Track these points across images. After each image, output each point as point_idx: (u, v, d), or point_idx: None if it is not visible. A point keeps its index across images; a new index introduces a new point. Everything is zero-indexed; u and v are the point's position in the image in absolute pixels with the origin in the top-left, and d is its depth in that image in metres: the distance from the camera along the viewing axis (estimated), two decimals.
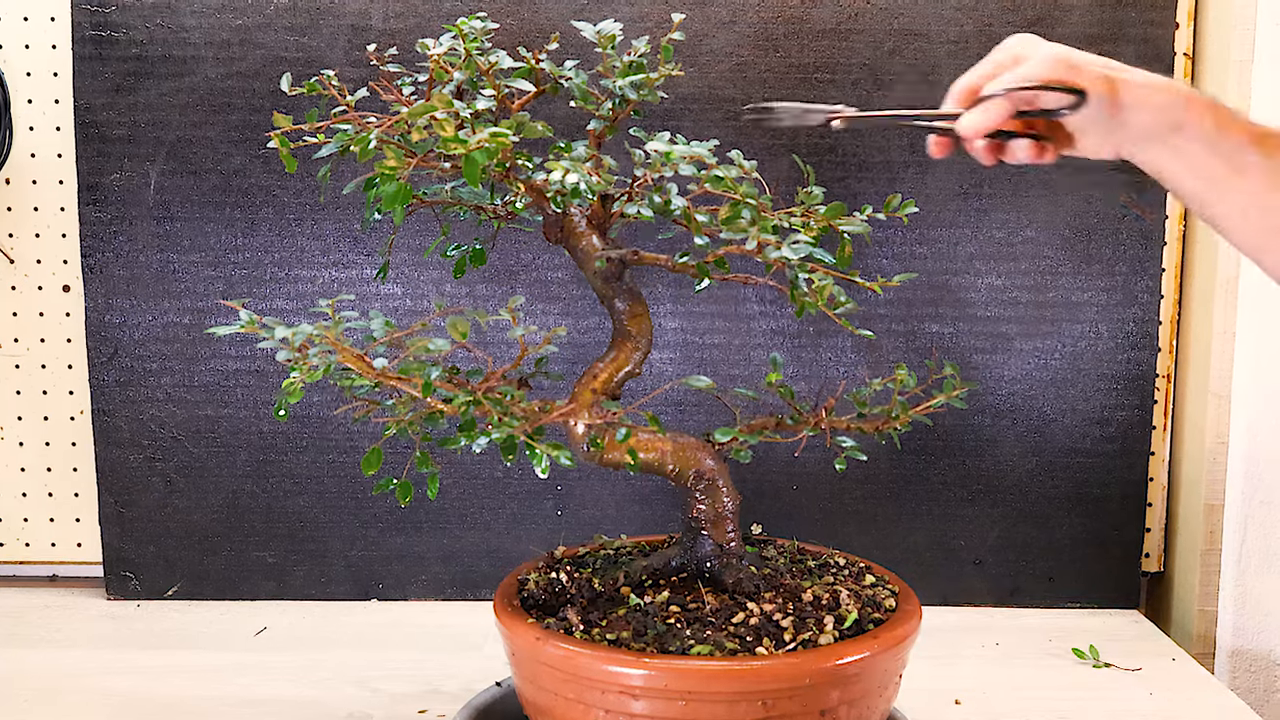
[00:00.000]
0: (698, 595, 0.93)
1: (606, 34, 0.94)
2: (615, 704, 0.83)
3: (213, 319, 1.39)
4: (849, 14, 1.36)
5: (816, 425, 0.98)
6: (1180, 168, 0.84)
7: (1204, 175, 0.82)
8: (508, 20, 1.34)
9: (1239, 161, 0.81)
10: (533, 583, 0.96)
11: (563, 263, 1.39)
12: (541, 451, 0.83)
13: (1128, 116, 0.82)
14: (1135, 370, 1.40)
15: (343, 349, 0.85)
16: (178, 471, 1.41)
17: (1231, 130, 0.82)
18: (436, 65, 0.89)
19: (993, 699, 1.17)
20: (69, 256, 1.42)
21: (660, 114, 1.35)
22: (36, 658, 1.26)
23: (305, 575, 1.43)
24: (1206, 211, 0.85)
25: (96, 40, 1.35)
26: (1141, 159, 0.85)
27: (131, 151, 1.37)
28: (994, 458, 1.42)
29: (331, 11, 1.35)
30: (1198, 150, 0.82)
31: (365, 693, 1.17)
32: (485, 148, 0.77)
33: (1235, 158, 0.81)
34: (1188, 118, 0.81)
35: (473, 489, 1.42)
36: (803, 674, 0.82)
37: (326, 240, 1.39)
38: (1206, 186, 0.83)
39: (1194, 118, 0.81)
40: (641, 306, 0.96)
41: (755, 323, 1.40)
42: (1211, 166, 0.82)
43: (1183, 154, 0.83)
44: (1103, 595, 1.43)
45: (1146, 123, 0.82)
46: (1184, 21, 1.36)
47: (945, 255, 1.39)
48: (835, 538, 1.24)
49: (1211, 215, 0.85)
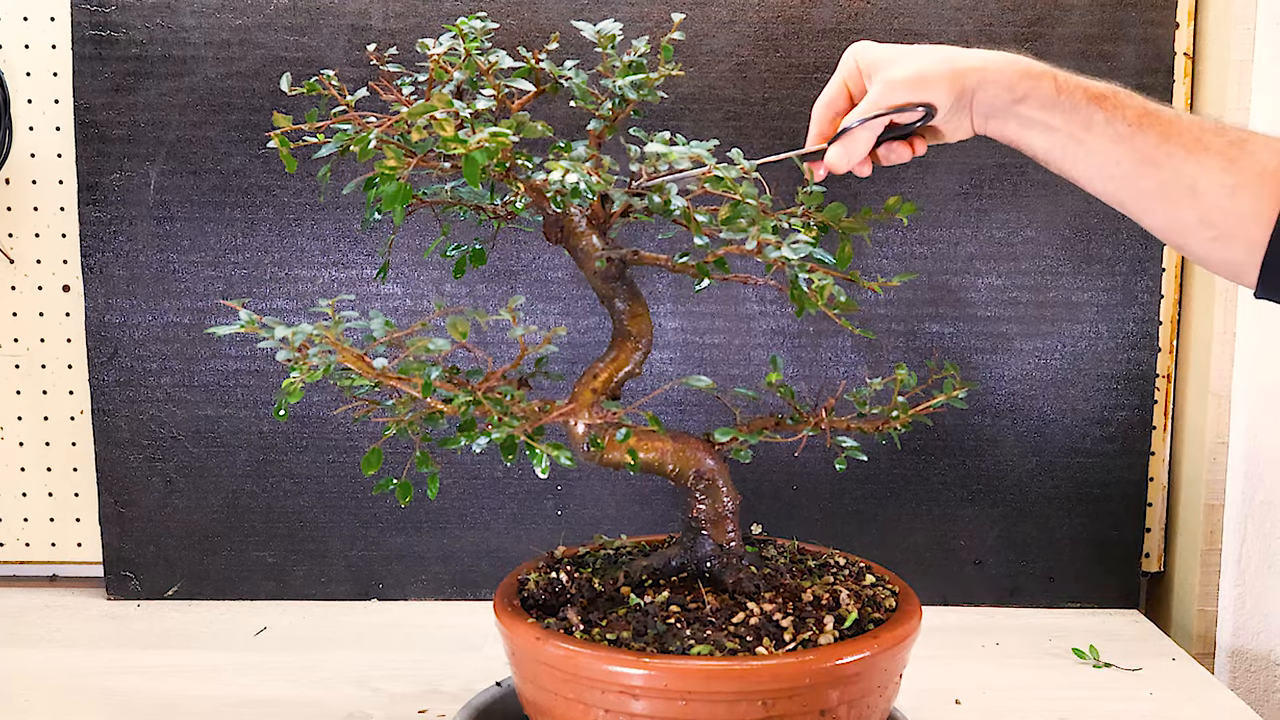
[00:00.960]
0: (698, 595, 0.93)
1: (606, 34, 0.94)
2: (615, 704, 0.83)
3: (213, 319, 1.39)
4: (849, 14, 1.36)
5: (816, 425, 0.98)
6: (1031, 135, 0.88)
7: (1058, 139, 0.87)
8: (508, 20, 1.34)
9: (1084, 120, 0.86)
10: (533, 583, 0.96)
11: (563, 263, 1.39)
12: (541, 451, 0.83)
13: (976, 98, 0.88)
14: (1135, 370, 1.40)
15: (343, 349, 0.85)
16: (178, 471, 1.41)
17: (1072, 93, 0.86)
18: (436, 65, 0.89)
19: (993, 699, 1.17)
20: (69, 256, 1.42)
21: (660, 114, 1.35)
22: (36, 658, 1.26)
23: (305, 575, 1.43)
24: (1067, 173, 0.90)
25: (96, 40, 1.35)
26: (996, 132, 0.90)
27: (131, 151, 1.37)
28: (994, 458, 1.42)
29: (331, 11, 1.35)
30: (1043, 116, 0.87)
31: (365, 693, 1.17)
32: (485, 147, 0.77)
33: (1079, 117, 0.86)
34: (1028, 87, 0.86)
35: (473, 489, 1.42)
36: (803, 674, 0.82)
37: (326, 240, 1.39)
38: (1060, 149, 0.87)
39: (1033, 86, 0.86)
40: (641, 306, 0.96)
41: (755, 323, 1.40)
42: (1058, 129, 0.86)
43: (1031, 122, 0.87)
44: (1103, 595, 1.43)
45: (991, 99, 0.87)
46: (1184, 21, 1.36)
47: (945, 255, 1.39)
48: (835, 538, 1.24)
49: (1074, 177, 0.89)
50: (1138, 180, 0.85)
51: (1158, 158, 0.84)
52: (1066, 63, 0.87)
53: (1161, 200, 0.85)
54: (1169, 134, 0.84)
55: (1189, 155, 0.83)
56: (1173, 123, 0.85)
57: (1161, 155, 0.84)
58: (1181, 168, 0.83)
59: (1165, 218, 0.86)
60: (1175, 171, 0.84)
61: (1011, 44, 1.34)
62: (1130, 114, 0.85)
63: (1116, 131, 0.85)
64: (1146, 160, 0.84)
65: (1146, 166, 0.85)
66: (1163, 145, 0.84)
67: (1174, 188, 0.84)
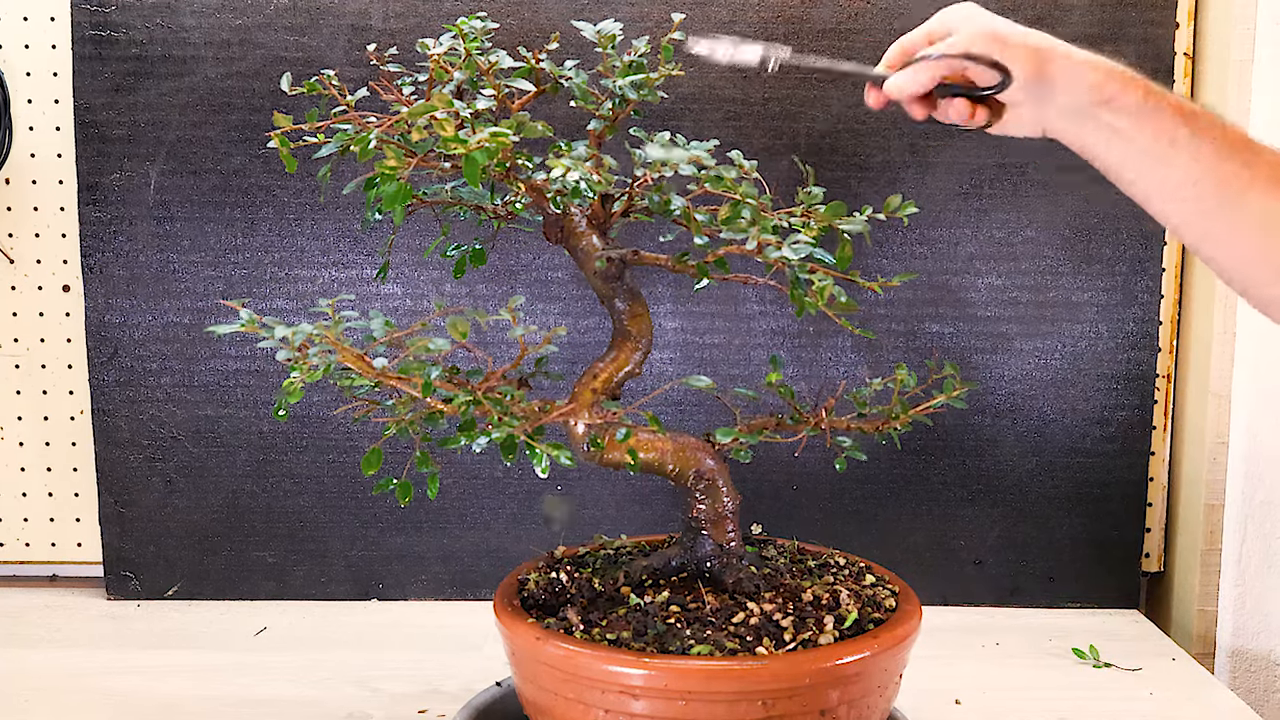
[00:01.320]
0: (698, 595, 0.93)
1: (607, 34, 0.94)
2: (615, 704, 0.83)
3: (213, 319, 1.39)
4: (849, 14, 1.36)
5: (816, 425, 0.98)
6: (1109, 143, 0.84)
7: (1134, 150, 0.83)
8: (508, 20, 1.34)
9: (1169, 135, 0.82)
10: (533, 583, 0.96)
11: (563, 263, 1.39)
12: (541, 451, 0.83)
13: (1056, 90, 0.83)
14: (1135, 370, 1.40)
15: (343, 349, 0.85)
16: (178, 471, 1.41)
17: (1160, 104, 0.82)
18: (436, 65, 0.89)
19: (993, 699, 1.17)
20: (69, 256, 1.42)
21: (660, 114, 1.35)
22: (36, 658, 1.26)
23: (305, 575, 1.43)
24: (1136, 188, 0.86)
25: (96, 40, 1.35)
26: (1069, 136, 0.86)
27: (131, 151, 1.37)
28: (994, 458, 1.42)
29: (331, 11, 1.35)
30: (1127, 125, 0.83)
31: (365, 693, 1.16)
32: (485, 147, 0.77)
33: (1165, 132, 0.82)
34: (1117, 91, 0.82)
35: (473, 489, 1.42)
36: (803, 674, 0.82)
37: (326, 240, 1.39)
38: (1136, 162, 0.84)
39: (1121, 89, 0.82)
40: (641, 306, 0.96)
41: (755, 323, 1.40)
42: (1141, 141, 0.82)
43: (1111, 129, 0.83)
44: (1103, 595, 1.43)
45: (1075, 96, 0.83)
46: (1184, 21, 1.36)
47: (945, 255, 1.39)
48: (835, 538, 1.24)
49: (1143, 193, 0.86)
50: (1213, 208, 0.81)
51: (1236, 187, 0.80)
52: None
53: (1233, 233, 0.81)
54: (1252, 163, 0.80)
55: (1269, 189, 0.79)
56: (1259, 152, 0.81)
57: (1241, 185, 0.79)
58: (1261, 202, 0.79)
59: (1235, 255, 0.82)
60: (1256, 204, 0.79)
61: None
62: (1216, 135, 0.81)
63: (1199, 151, 0.80)
64: (1225, 186, 0.80)
65: (1225, 193, 0.80)
66: (1242, 174, 0.80)
67: (1250, 222, 0.80)
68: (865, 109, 0.92)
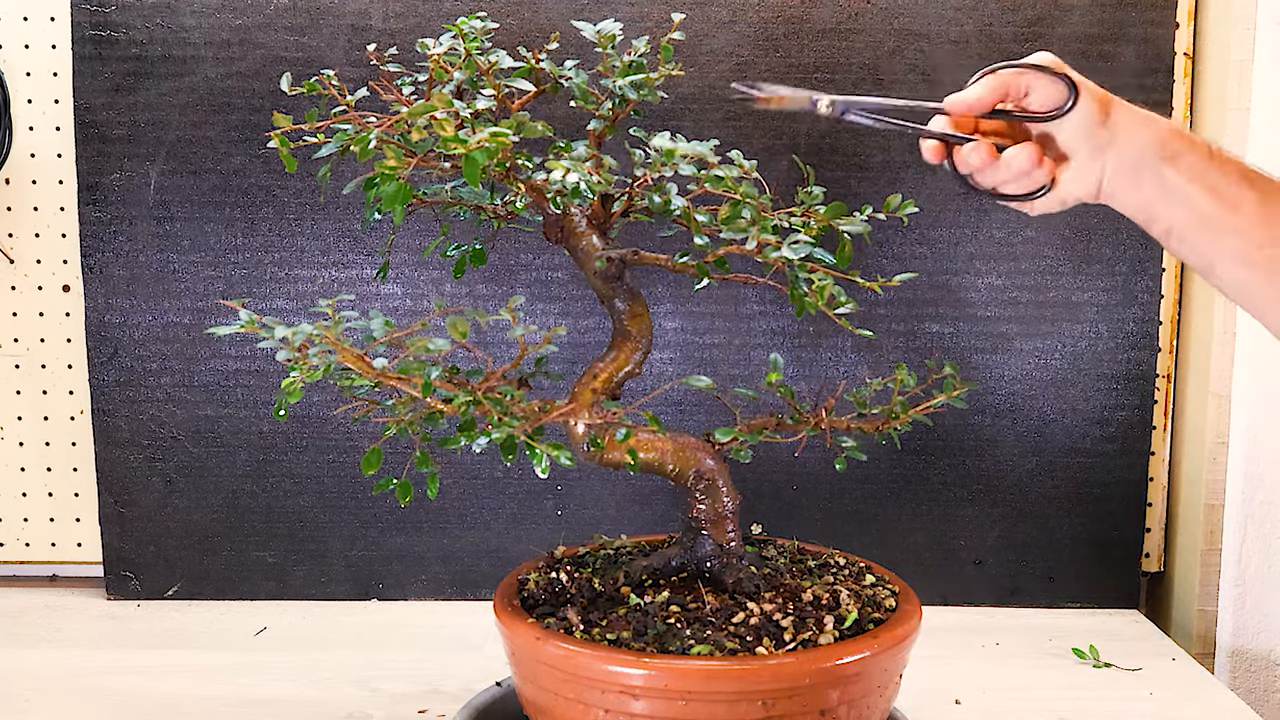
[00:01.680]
0: (698, 595, 0.93)
1: (606, 34, 0.94)
2: (615, 704, 0.83)
3: (213, 319, 1.39)
4: (849, 14, 1.36)
5: (816, 425, 0.98)
6: (1170, 205, 0.80)
7: (1197, 212, 0.79)
8: (508, 20, 1.34)
9: (1233, 198, 0.78)
10: (533, 583, 0.96)
11: (563, 263, 1.39)
12: (541, 451, 0.83)
13: (1119, 138, 0.80)
14: (1135, 370, 1.40)
15: (342, 349, 0.85)
16: (178, 471, 1.41)
17: (1225, 165, 0.79)
18: (436, 65, 0.89)
19: (993, 699, 1.17)
20: (69, 256, 1.42)
21: (660, 114, 1.35)
22: (36, 658, 1.26)
23: (305, 575, 1.43)
24: (1200, 254, 0.82)
25: (96, 40, 1.35)
26: (1126, 195, 0.82)
27: (131, 151, 1.37)
28: (994, 458, 1.42)
29: (331, 11, 1.35)
30: (1189, 186, 0.79)
31: (365, 693, 1.16)
32: (485, 147, 0.77)
33: (1229, 194, 0.78)
34: (1181, 146, 0.79)
35: (473, 489, 1.42)
36: (803, 674, 0.82)
37: (326, 240, 1.39)
38: (1200, 226, 0.80)
39: (1187, 147, 0.79)
40: (641, 306, 0.96)
41: (755, 323, 1.40)
42: (1204, 203, 0.79)
43: (1173, 189, 0.80)
44: (1103, 595, 1.43)
45: (1139, 148, 0.80)
46: (1184, 21, 1.36)
47: (945, 255, 1.39)
48: (835, 538, 1.24)
49: (1208, 259, 0.81)
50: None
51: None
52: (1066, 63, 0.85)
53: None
54: None
55: None
56: None
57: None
58: None
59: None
60: None
61: (1012, 44, 1.34)
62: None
63: (1266, 216, 0.77)
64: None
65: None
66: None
67: None
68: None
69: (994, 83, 0.82)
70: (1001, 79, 0.82)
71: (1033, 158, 0.82)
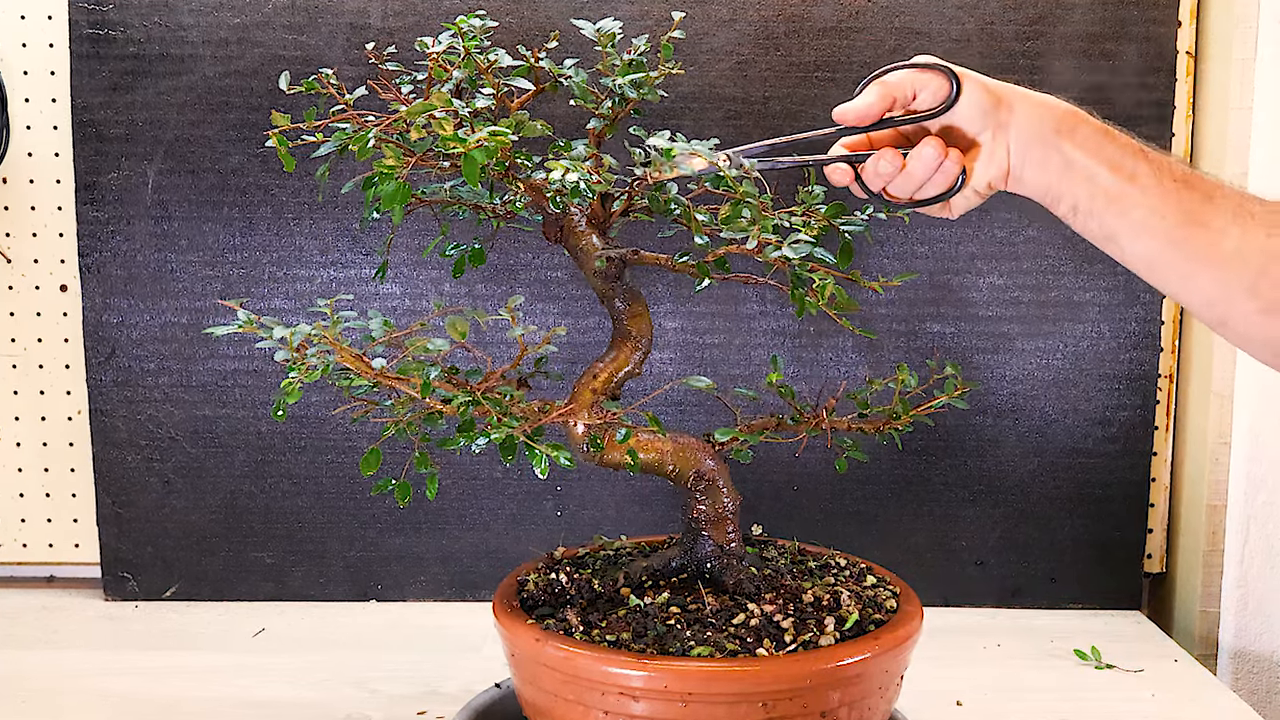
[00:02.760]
0: (698, 596, 0.92)
1: (606, 32, 0.94)
2: (615, 705, 0.82)
3: (211, 319, 1.39)
4: (850, 12, 1.35)
5: (817, 425, 0.97)
6: (1073, 181, 0.83)
7: (1099, 185, 0.82)
8: (507, 18, 1.34)
9: (1129, 171, 0.81)
10: (532, 584, 0.96)
11: (563, 262, 1.38)
12: (541, 452, 0.83)
13: (1017, 113, 0.83)
14: (1137, 370, 1.40)
15: (341, 349, 0.84)
16: (176, 472, 1.41)
17: (1118, 139, 0.83)
18: (435, 64, 0.89)
19: (994, 700, 1.17)
20: (66, 256, 1.42)
21: (660, 113, 1.34)
22: (34, 659, 1.25)
23: (304, 576, 1.43)
24: (1106, 230, 0.84)
25: (94, 39, 1.35)
26: (1033, 176, 0.84)
27: (129, 150, 1.36)
28: (995, 458, 1.41)
29: (330, 10, 1.34)
30: (1087, 160, 0.82)
31: (364, 694, 1.16)
32: (484, 146, 0.76)
33: (1126, 165, 0.82)
34: (1075, 121, 0.82)
35: (472, 489, 1.42)
36: (803, 675, 0.82)
37: (325, 239, 1.38)
38: (1104, 201, 0.82)
39: (1080, 121, 0.82)
40: (641, 306, 0.96)
41: (755, 323, 1.40)
42: (1104, 176, 0.82)
43: (1074, 166, 0.82)
44: (1105, 596, 1.43)
45: (1037, 121, 0.82)
46: (1186, 19, 1.36)
47: (946, 255, 1.39)
48: (836, 538, 1.24)
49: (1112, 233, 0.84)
50: (1181, 240, 0.81)
51: (1203, 217, 0.80)
52: (1068, 61, 0.85)
53: (1205, 264, 0.81)
54: (1212, 195, 0.81)
55: (1234, 218, 0.80)
56: (1216, 186, 0.82)
57: (1207, 214, 0.80)
58: (1227, 229, 0.80)
59: (1208, 285, 0.82)
60: (1220, 233, 0.80)
61: (1013, 42, 1.34)
62: (1176, 170, 0.82)
63: (1162, 186, 0.81)
64: (1191, 219, 0.80)
65: (1191, 226, 0.80)
66: (1207, 205, 0.80)
67: (1219, 251, 0.80)
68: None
69: (880, 90, 0.85)
70: (886, 85, 0.85)
71: (938, 149, 0.84)
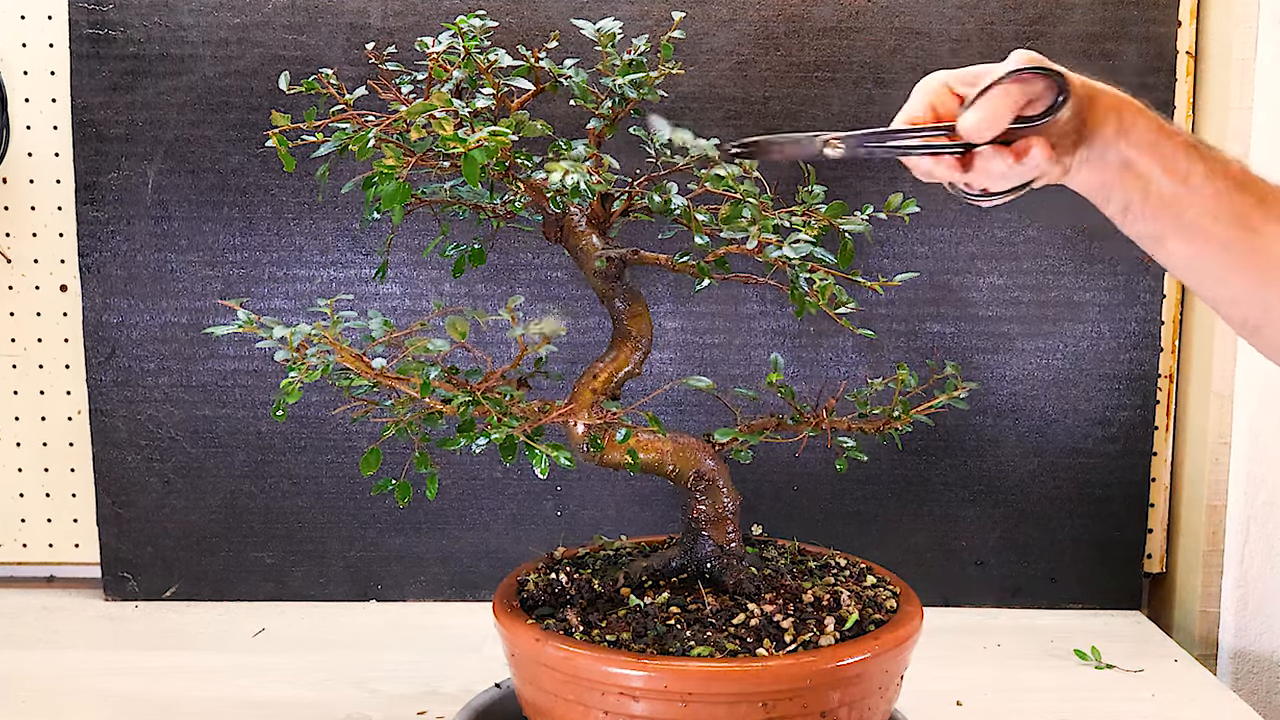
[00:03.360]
0: (698, 596, 0.92)
1: (606, 32, 0.94)
2: (615, 705, 0.82)
3: (211, 319, 1.39)
4: (850, 12, 1.35)
5: (817, 425, 0.97)
6: (1125, 180, 0.81)
7: (1153, 188, 0.80)
8: (507, 18, 1.34)
9: (1183, 171, 0.80)
10: (532, 584, 0.95)
11: (562, 262, 1.38)
12: (541, 452, 0.83)
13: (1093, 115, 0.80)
14: (1137, 370, 1.40)
15: (341, 349, 0.84)
16: (176, 472, 1.41)
17: (1172, 138, 0.80)
18: (435, 64, 0.89)
19: (994, 700, 1.16)
20: (66, 256, 1.42)
21: (660, 112, 1.33)
22: (34, 659, 1.25)
23: (304, 576, 1.43)
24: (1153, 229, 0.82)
25: (94, 39, 1.34)
26: (1090, 172, 0.82)
27: (129, 150, 1.36)
28: (995, 458, 1.41)
29: (330, 10, 1.34)
30: (1141, 158, 0.80)
31: (364, 694, 1.16)
32: (484, 146, 0.76)
33: (1178, 167, 0.80)
34: (1133, 118, 0.80)
35: (472, 489, 1.42)
36: (803, 675, 0.82)
37: (325, 239, 1.38)
38: (1156, 202, 0.80)
39: (1138, 118, 0.80)
40: (641, 306, 0.96)
41: (755, 323, 1.40)
42: (1159, 178, 0.80)
43: (1128, 164, 0.80)
44: (1105, 596, 1.43)
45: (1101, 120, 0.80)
46: (1187, 19, 1.36)
47: (947, 254, 1.39)
48: (836, 538, 1.24)
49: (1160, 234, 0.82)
50: (1229, 244, 0.79)
51: (1253, 221, 0.78)
52: (1068, 61, 0.84)
53: (1248, 270, 0.79)
54: (1265, 198, 0.79)
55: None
56: (1272, 190, 0.79)
57: (1257, 219, 0.78)
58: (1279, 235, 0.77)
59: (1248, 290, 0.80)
60: (1273, 239, 0.77)
61: (1014, 42, 1.34)
62: (1232, 170, 0.79)
63: (1215, 188, 0.79)
64: (1243, 224, 0.78)
65: (1242, 230, 0.78)
66: (1259, 209, 0.78)
67: (1264, 257, 0.78)
68: (867, 107, 0.90)
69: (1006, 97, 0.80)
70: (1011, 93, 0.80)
71: (1048, 153, 0.81)
